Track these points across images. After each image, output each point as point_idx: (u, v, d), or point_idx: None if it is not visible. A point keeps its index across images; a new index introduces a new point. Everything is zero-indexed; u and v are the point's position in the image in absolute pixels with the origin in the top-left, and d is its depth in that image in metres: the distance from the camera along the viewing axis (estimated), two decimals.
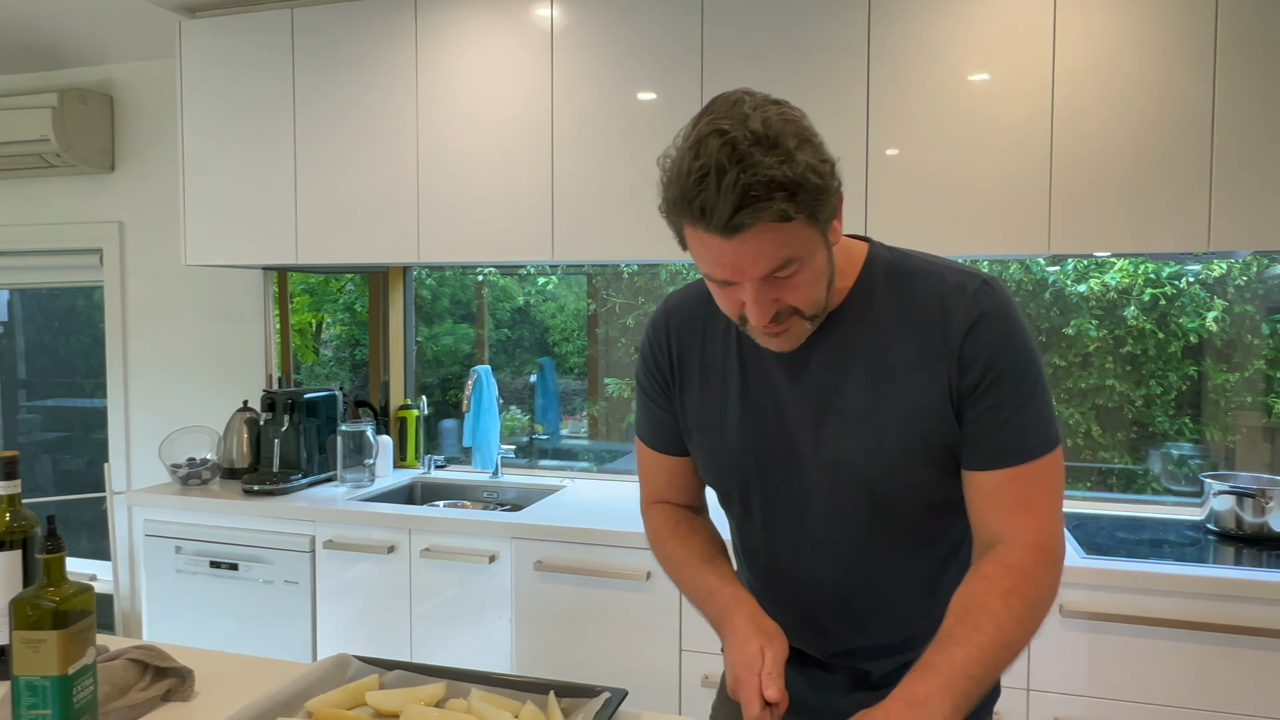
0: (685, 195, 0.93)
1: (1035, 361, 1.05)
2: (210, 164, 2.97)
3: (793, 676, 1.23)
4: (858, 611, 1.17)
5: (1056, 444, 1.05)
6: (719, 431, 1.18)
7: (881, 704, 0.93)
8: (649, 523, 1.29)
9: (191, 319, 3.45)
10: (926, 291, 1.07)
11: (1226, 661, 1.94)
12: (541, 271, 3.28)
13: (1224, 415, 2.66)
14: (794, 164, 0.90)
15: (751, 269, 0.95)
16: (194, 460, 2.91)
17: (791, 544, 1.17)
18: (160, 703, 1.26)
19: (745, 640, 1.05)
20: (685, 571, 1.20)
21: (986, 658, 0.95)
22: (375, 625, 2.56)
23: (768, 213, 0.91)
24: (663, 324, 1.23)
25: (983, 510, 1.06)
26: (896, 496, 1.09)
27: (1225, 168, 2.14)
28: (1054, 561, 1.04)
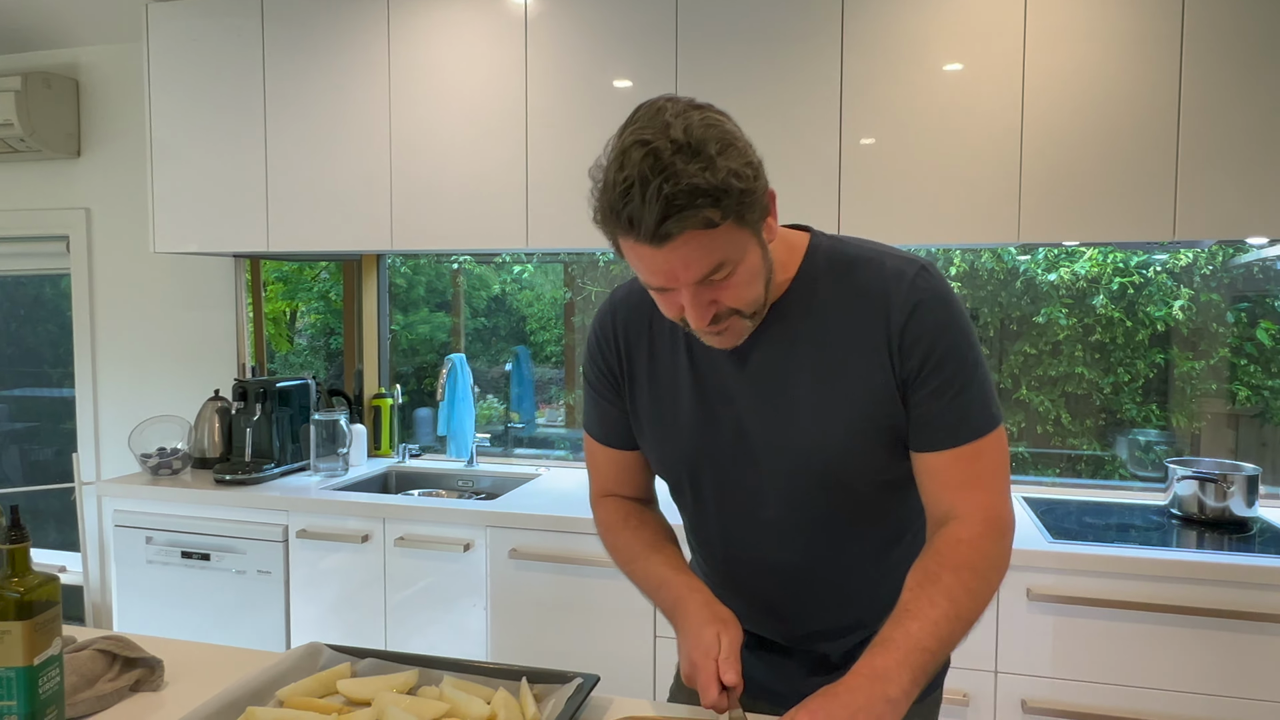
0: (612, 207, 0.95)
1: (974, 343, 1.08)
2: (179, 149, 2.92)
3: (752, 662, 1.24)
4: (813, 594, 1.19)
5: (999, 422, 1.09)
6: (669, 425, 1.19)
7: (843, 679, 0.95)
8: (599, 516, 1.31)
9: (161, 307, 3.41)
10: (867, 279, 1.09)
11: (1189, 643, 1.98)
12: (517, 260, 3.26)
13: (1190, 402, 2.71)
14: (716, 170, 0.92)
15: (684, 275, 0.97)
16: (164, 450, 2.88)
17: (745, 531, 1.19)
18: (129, 693, 1.25)
19: (700, 627, 1.06)
20: (637, 563, 1.21)
21: (942, 630, 0.98)
22: (349, 615, 2.55)
23: (693, 220, 0.92)
24: (609, 320, 1.24)
25: (933, 489, 1.09)
26: (846, 480, 1.11)
27: (1191, 159, 2.17)
28: (1003, 533, 1.07)
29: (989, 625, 2.08)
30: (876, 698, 0.92)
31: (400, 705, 1.13)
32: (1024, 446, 2.81)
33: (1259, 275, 2.62)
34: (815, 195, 2.39)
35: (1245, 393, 2.66)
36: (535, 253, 3.19)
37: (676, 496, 1.26)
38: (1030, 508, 2.45)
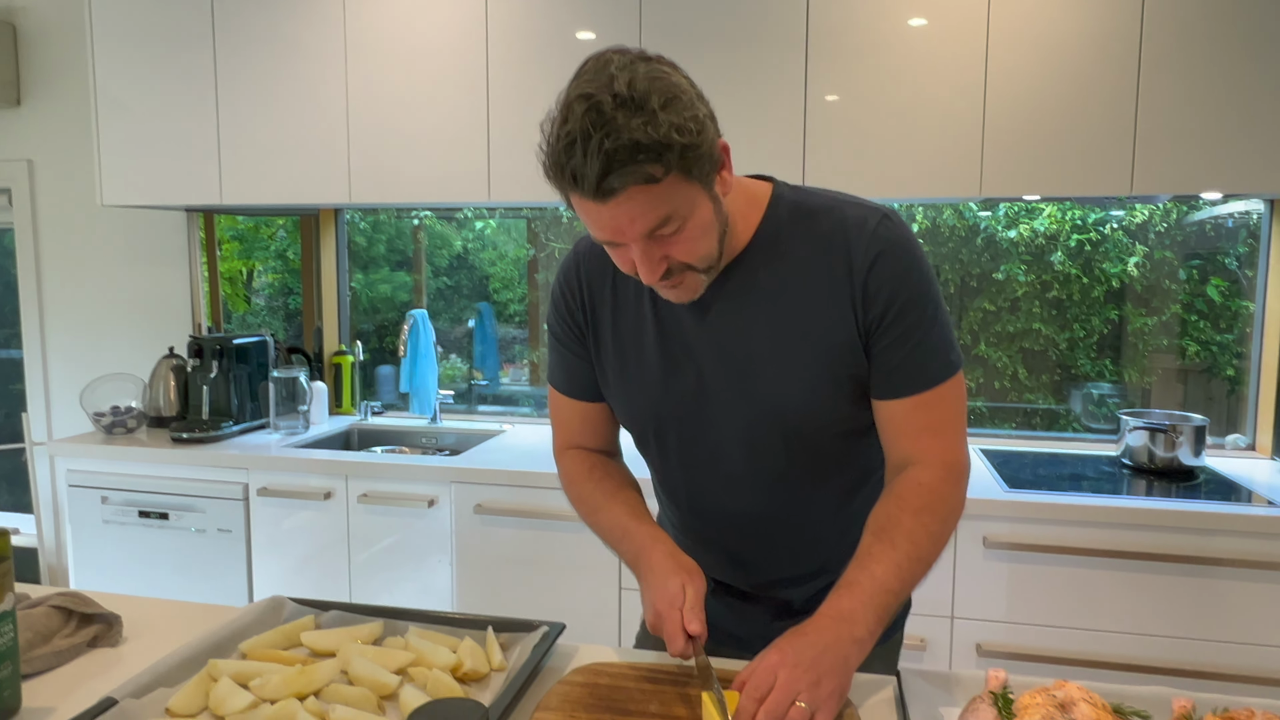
0: (556, 163, 0.94)
1: (935, 291, 1.09)
2: (125, 98, 2.82)
3: (716, 608, 1.26)
4: (777, 542, 1.21)
5: (958, 368, 1.10)
6: (633, 377, 1.19)
7: (810, 620, 0.97)
8: (563, 468, 1.31)
9: (111, 263, 3.31)
10: (829, 228, 1.09)
11: (1138, 586, 2.05)
12: (479, 215, 3.21)
13: (1142, 358, 2.77)
14: (658, 125, 0.90)
15: (630, 230, 0.96)
16: (118, 409, 2.82)
17: (710, 481, 1.20)
18: (87, 649, 1.24)
19: (665, 577, 1.07)
20: (601, 514, 1.22)
21: (904, 572, 1.01)
22: (313, 573, 2.54)
23: (635, 175, 0.91)
24: (574, 270, 1.23)
25: (894, 436, 1.11)
26: (809, 430, 1.12)
27: (1149, 115, 2.19)
28: (961, 477, 1.10)
29: (946, 573, 2.13)
30: (843, 637, 0.95)
31: (366, 656, 1.13)
32: (982, 401, 2.86)
33: (1211, 233, 2.67)
34: (780, 151, 2.37)
35: (1195, 348, 2.72)
36: (497, 207, 3.15)
37: (642, 448, 1.26)
38: (987, 459, 2.50)
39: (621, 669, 1.13)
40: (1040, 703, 0.84)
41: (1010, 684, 0.94)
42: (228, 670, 1.09)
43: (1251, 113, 2.15)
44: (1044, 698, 0.85)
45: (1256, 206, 2.61)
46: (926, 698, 1.01)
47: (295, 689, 1.06)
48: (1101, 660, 2.07)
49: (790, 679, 0.91)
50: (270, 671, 1.09)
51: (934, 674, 1.06)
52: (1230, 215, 2.64)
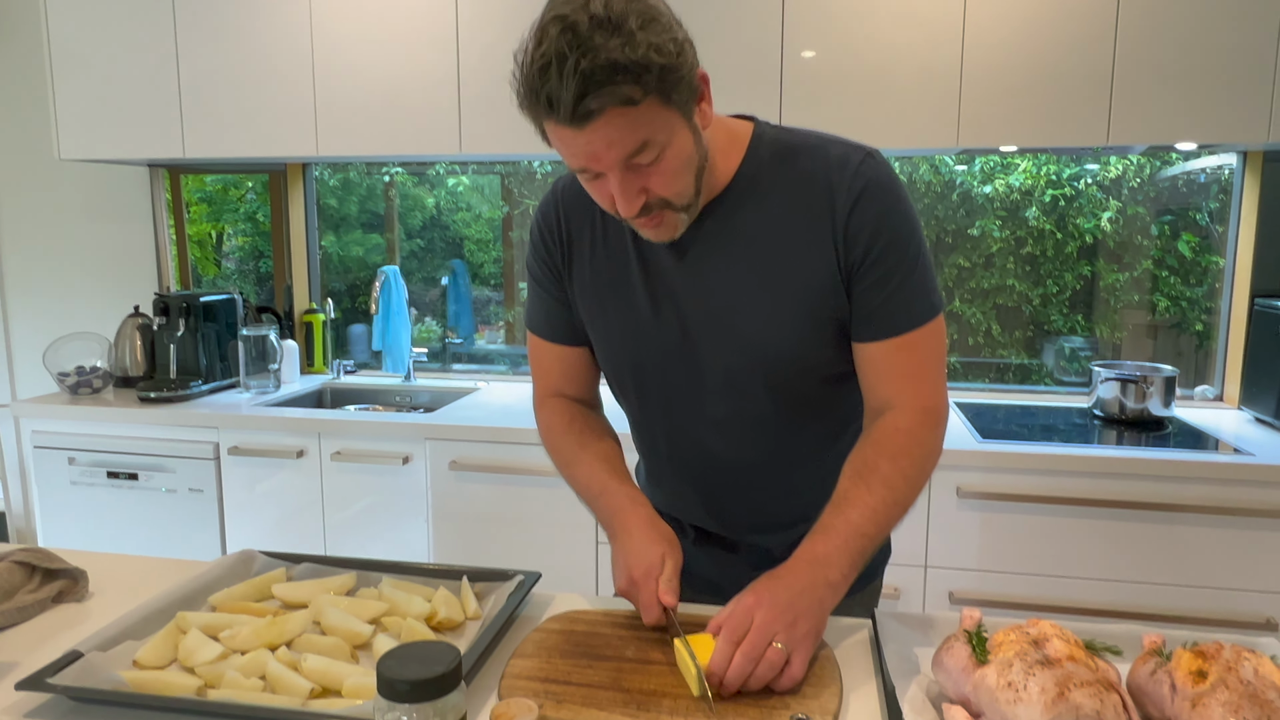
0: (531, 87, 0.91)
1: (917, 232, 1.07)
2: (81, 50, 2.72)
3: (696, 556, 1.26)
4: (757, 489, 1.20)
5: (939, 311, 1.09)
6: (613, 317, 1.17)
7: (785, 564, 0.98)
8: (542, 418, 1.28)
9: (71, 220, 3.22)
10: (811, 167, 1.07)
11: (1107, 533, 2.09)
12: (451, 172, 3.16)
13: (1113, 313, 2.79)
14: (636, 45, 0.88)
15: (607, 156, 0.93)
16: (83, 369, 2.76)
17: (689, 427, 1.19)
18: (52, 604, 1.21)
19: (645, 545, 1.07)
20: (579, 468, 1.20)
21: (879, 517, 1.01)
22: (287, 532, 2.52)
23: (613, 97, 0.89)
24: (553, 209, 1.20)
25: (873, 380, 1.10)
26: (790, 373, 1.11)
27: (1126, 65, 2.18)
28: (939, 422, 1.10)
29: (920, 523, 2.15)
30: (818, 581, 0.95)
31: (338, 606, 1.12)
32: (955, 357, 2.88)
33: (1183, 189, 2.68)
34: (757, 108, 2.34)
35: (1165, 303, 2.75)
36: (470, 162, 3.09)
37: (619, 393, 1.25)
38: (961, 411, 2.52)
39: (597, 616, 1.12)
40: (1014, 639, 0.85)
41: (985, 625, 0.94)
42: (197, 622, 1.08)
43: (1227, 64, 2.14)
44: (1018, 634, 0.86)
45: (1229, 161, 2.62)
46: (901, 639, 1.01)
47: (266, 640, 1.05)
48: (1072, 606, 2.11)
49: (767, 620, 0.92)
50: (240, 623, 1.08)
51: (909, 616, 1.07)
52: (1203, 170, 2.65)
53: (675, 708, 0.90)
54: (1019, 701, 0.78)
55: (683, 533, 1.29)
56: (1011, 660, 0.82)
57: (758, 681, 0.91)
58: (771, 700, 0.91)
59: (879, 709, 0.93)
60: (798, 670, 0.92)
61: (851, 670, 1.00)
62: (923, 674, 0.95)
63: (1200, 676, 0.79)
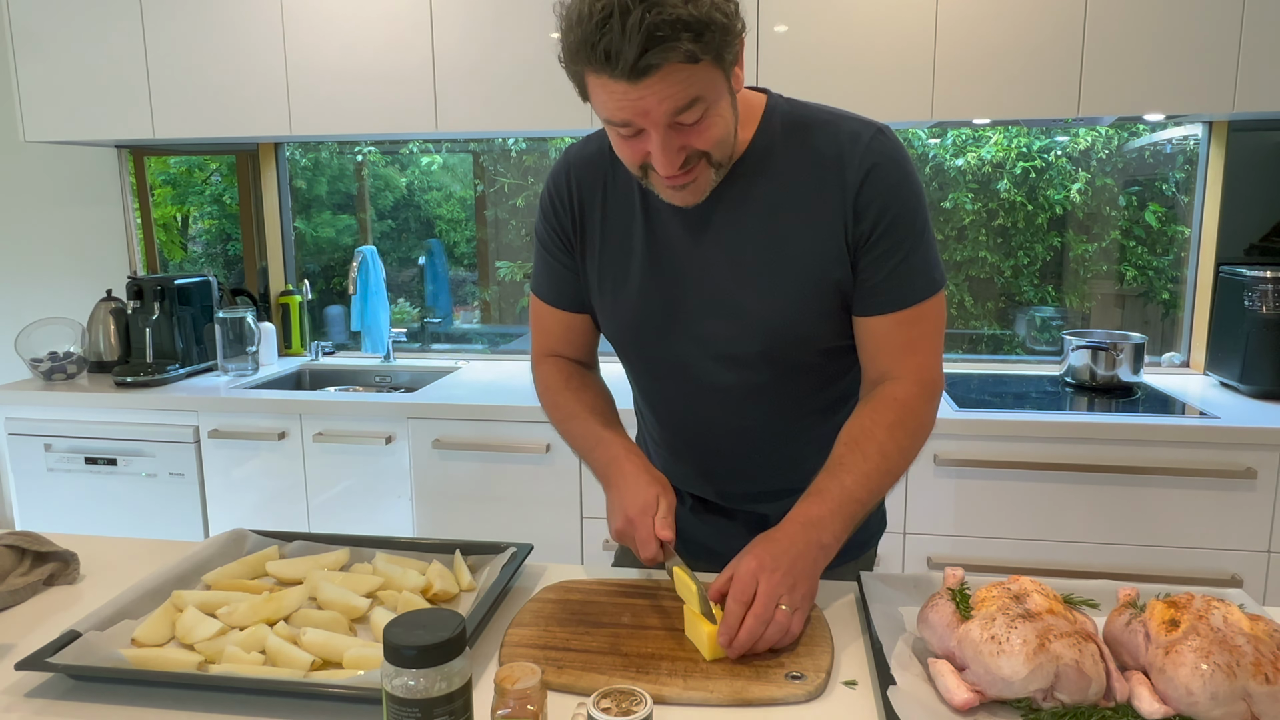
0: (587, 40, 0.89)
1: (923, 208, 1.09)
2: (42, 28, 2.66)
3: (694, 523, 1.28)
4: (758, 458, 1.23)
5: (941, 286, 1.11)
6: (622, 284, 1.18)
7: (779, 526, 1.00)
8: (540, 375, 1.30)
9: (39, 203, 3.16)
10: (823, 141, 1.08)
11: (1078, 496, 2.14)
12: (424, 151, 3.13)
13: (1082, 284, 2.85)
14: (699, 3, 0.88)
15: (657, 110, 0.93)
16: (56, 354, 2.72)
17: (692, 393, 1.20)
18: (43, 587, 1.21)
19: (640, 486, 1.09)
20: (575, 422, 1.22)
21: (872, 483, 1.04)
22: (270, 514, 2.52)
23: (675, 53, 0.88)
24: (564, 177, 1.20)
25: (872, 352, 1.12)
26: (794, 343, 1.13)
27: (1096, 38, 2.21)
28: (934, 394, 1.12)
29: (898, 491, 2.20)
30: (811, 543, 0.98)
31: (334, 581, 1.13)
32: None
33: (1150, 159, 2.73)
34: None
35: (1133, 273, 2.81)
36: (445, 140, 3.07)
37: (624, 359, 1.26)
38: None
39: (591, 585, 1.15)
40: (996, 595, 0.88)
41: (967, 583, 0.98)
42: (193, 600, 1.09)
43: (1194, 35, 2.18)
44: (999, 590, 0.89)
45: (1195, 131, 2.67)
46: (887, 599, 1.05)
47: (264, 615, 1.06)
48: (1047, 568, 2.16)
49: (771, 584, 0.94)
50: (237, 600, 1.09)
51: (892, 576, 1.10)
52: (1169, 140, 2.70)
53: (674, 669, 0.93)
54: (1002, 653, 0.81)
55: (681, 501, 1.31)
56: (994, 615, 0.85)
57: (766, 643, 0.94)
58: (767, 659, 0.94)
59: (868, 665, 0.96)
60: (797, 629, 0.95)
61: (841, 629, 1.04)
62: (908, 631, 0.98)
63: (1173, 625, 0.82)
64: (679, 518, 1.30)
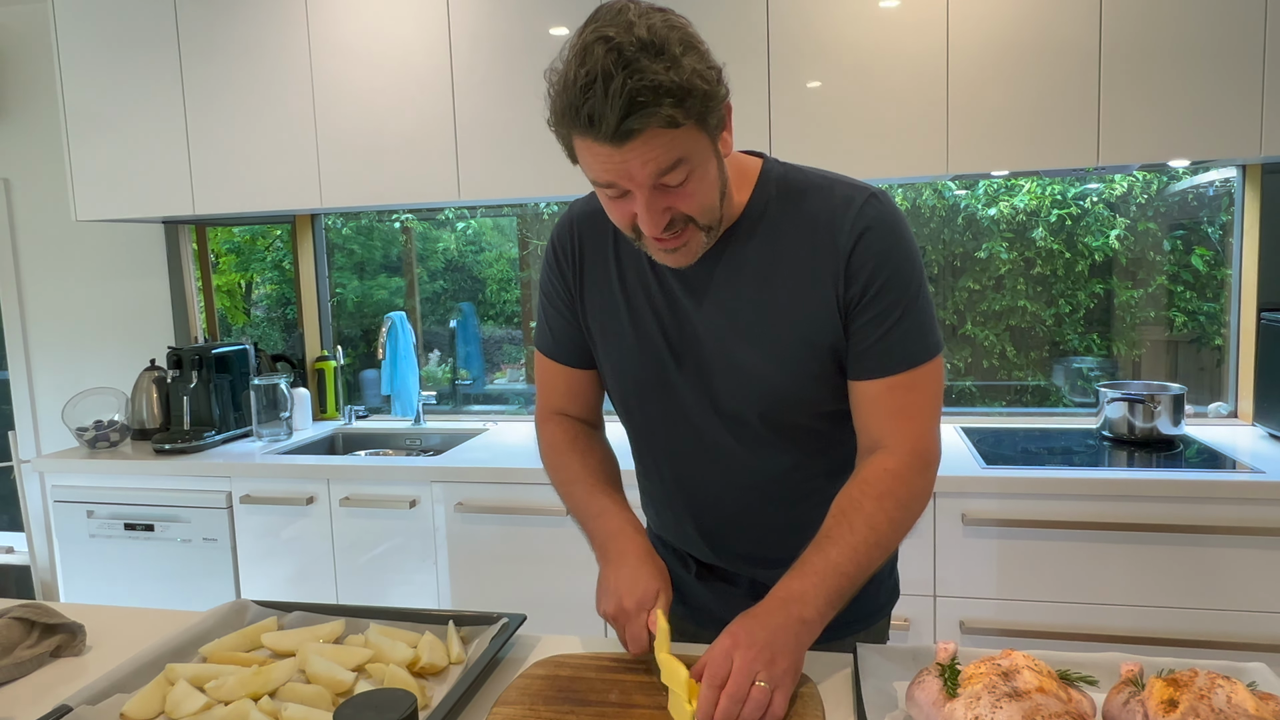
0: (572, 104, 0.91)
1: (919, 272, 1.08)
2: (94, 113, 2.82)
3: (697, 587, 1.26)
4: (757, 519, 1.20)
5: (937, 351, 1.09)
6: (621, 342, 1.18)
7: (761, 603, 0.97)
8: (545, 435, 1.29)
9: (90, 278, 3.31)
10: (817, 205, 1.08)
11: (1120, 557, 2.04)
12: (460, 215, 3.21)
13: (1130, 330, 2.75)
14: (680, 69, 0.90)
15: (640, 174, 0.94)
16: (101, 423, 2.82)
17: (690, 455, 1.19)
18: (50, 659, 1.23)
19: (641, 575, 1.08)
20: (578, 486, 1.21)
21: (860, 556, 1.00)
22: (300, 578, 2.54)
23: (656, 118, 0.90)
24: (568, 232, 1.22)
25: (865, 417, 1.10)
26: (791, 406, 1.11)
27: (1112, 85, 2.17)
28: (928, 465, 1.09)
29: (926, 552, 2.12)
30: (793, 618, 0.95)
31: (324, 654, 1.13)
32: (971, 381, 2.85)
33: (1193, 203, 2.65)
34: (750, 141, 2.36)
35: (1182, 319, 2.71)
36: (477, 206, 3.14)
37: (624, 417, 1.26)
38: (967, 436, 2.49)
39: (583, 660, 1.12)
40: (984, 672, 0.84)
41: (960, 655, 0.93)
42: (185, 673, 1.09)
43: (1214, 80, 2.13)
44: (989, 666, 0.85)
45: (1233, 174, 2.59)
46: (881, 672, 1.00)
47: (251, 689, 1.05)
48: (1091, 633, 2.05)
49: (746, 661, 0.91)
50: (227, 673, 1.09)
51: (892, 649, 1.06)
52: (1211, 184, 2.62)
53: None
54: None
55: (684, 565, 1.29)
56: (980, 693, 0.80)
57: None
58: None
59: None
60: (779, 708, 0.91)
61: (834, 706, 0.99)
62: (899, 709, 0.93)
63: (1171, 706, 0.77)
64: (681, 581, 1.27)
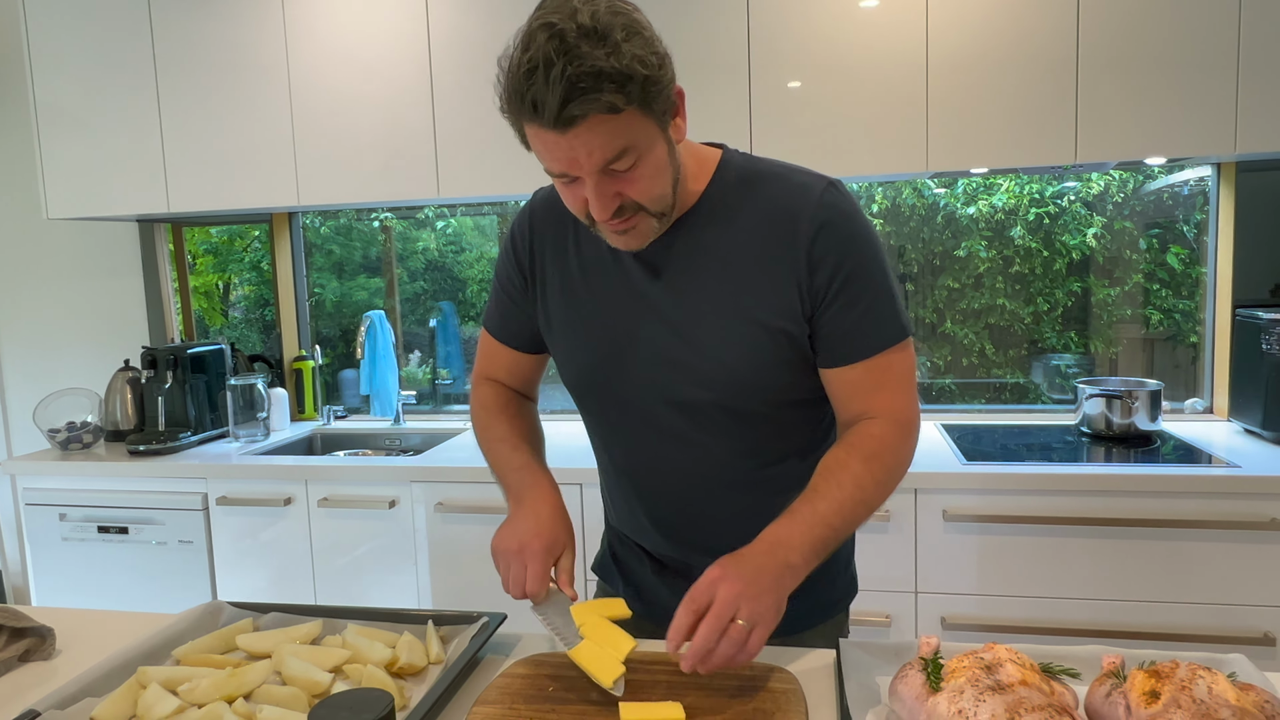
0: (517, 90, 0.93)
1: (881, 258, 1.09)
2: (66, 111, 2.77)
3: (655, 583, 1.26)
4: (713, 507, 1.20)
5: (908, 333, 1.11)
6: (579, 331, 1.18)
7: (750, 545, 0.99)
8: (479, 394, 1.31)
9: (62, 277, 3.26)
10: (775, 194, 1.09)
11: (1099, 552, 2.05)
12: (440, 215, 3.18)
13: (1107, 328, 2.78)
14: (621, 55, 0.90)
15: (587, 162, 0.95)
16: (73, 424, 2.77)
17: (645, 442, 1.19)
18: (18, 663, 1.21)
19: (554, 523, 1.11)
20: (504, 444, 1.23)
21: (846, 511, 1.02)
22: (278, 580, 2.51)
23: (597, 104, 0.91)
24: (526, 221, 1.23)
25: (845, 400, 1.12)
26: (746, 393, 1.12)
27: (1090, 83, 2.19)
28: (911, 432, 1.12)
29: (908, 549, 2.13)
30: (779, 561, 0.97)
31: (300, 656, 1.11)
32: (950, 378, 2.86)
33: (1169, 201, 2.67)
34: (728, 135, 2.36)
35: (1158, 316, 2.73)
36: (457, 205, 3.12)
37: (582, 407, 1.26)
38: (947, 433, 2.50)
39: (563, 658, 1.11)
40: (967, 665, 0.83)
41: (943, 650, 0.93)
42: (158, 676, 1.07)
43: (1191, 78, 2.15)
44: (971, 660, 0.84)
45: (1208, 173, 2.61)
46: (864, 667, 1.00)
47: (225, 692, 1.03)
48: (1069, 628, 2.07)
49: (731, 593, 0.92)
50: (200, 676, 1.07)
51: (873, 644, 1.05)
52: (1185, 183, 2.65)
53: None
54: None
55: (640, 561, 1.28)
56: (963, 687, 0.80)
57: (719, 658, 0.91)
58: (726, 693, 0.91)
59: None
60: (755, 645, 0.92)
61: (816, 701, 0.99)
62: (882, 704, 0.93)
63: (1153, 697, 0.77)
64: (638, 577, 1.27)
